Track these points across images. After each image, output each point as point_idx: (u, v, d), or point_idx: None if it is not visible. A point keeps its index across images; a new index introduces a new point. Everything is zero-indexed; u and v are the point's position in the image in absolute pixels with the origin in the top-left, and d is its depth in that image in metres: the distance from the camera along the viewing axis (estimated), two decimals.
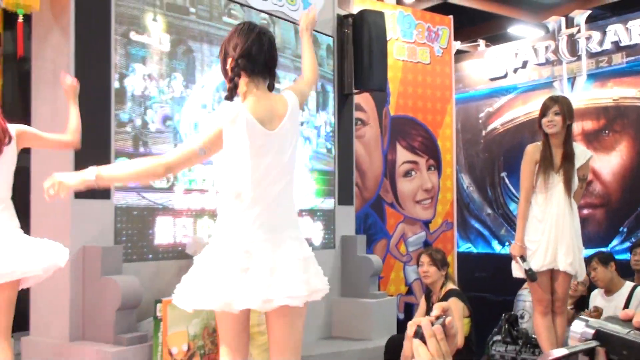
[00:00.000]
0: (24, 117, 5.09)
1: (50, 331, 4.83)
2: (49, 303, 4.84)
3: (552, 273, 5.05)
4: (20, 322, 5.29)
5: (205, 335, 4.76)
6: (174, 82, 5.35)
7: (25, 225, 4.65)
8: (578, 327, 1.37)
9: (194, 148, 3.04)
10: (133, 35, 5.08)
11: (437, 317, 1.49)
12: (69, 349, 4.68)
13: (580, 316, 1.41)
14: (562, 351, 1.32)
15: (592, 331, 1.35)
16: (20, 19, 4.58)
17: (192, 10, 5.55)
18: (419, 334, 1.47)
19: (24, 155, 4.91)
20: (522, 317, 6.26)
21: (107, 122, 4.89)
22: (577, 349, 1.35)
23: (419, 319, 1.50)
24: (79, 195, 4.70)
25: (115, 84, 4.95)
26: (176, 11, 5.42)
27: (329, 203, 6.88)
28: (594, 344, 1.34)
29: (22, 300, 5.01)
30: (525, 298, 6.40)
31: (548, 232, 4.98)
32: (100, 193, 4.81)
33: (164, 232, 5.22)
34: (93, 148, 4.81)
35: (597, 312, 5.79)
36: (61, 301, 4.75)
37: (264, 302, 2.97)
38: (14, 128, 3.94)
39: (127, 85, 5.03)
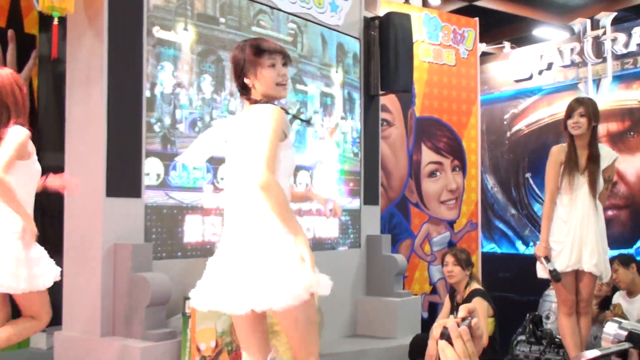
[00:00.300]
0: (59, 117, 5.19)
1: (81, 326, 4.90)
2: (81, 299, 4.90)
3: (577, 274, 5.05)
4: (53, 317, 5.41)
5: (233, 332, 4.83)
6: (203, 86, 5.42)
7: (59, 224, 4.77)
8: (611, 328, 1.38)
9: None
10: (162, 35, 5.15)
11: (463, 319, 1.50)
12: (99, 344, 4.74)
13: (614, 318, 1.43)
14: (595, 352, 1.33)
15: (625, 333, 1.36)
16: (56, 22, 4.64)
17: (222, 20, 5.61)
18: (445, 335, 1.48)
19: (58, 155, 5.04)
20: (547, 317, 6.28)
21: (138, 123, 4.96)
22: (610, 350, 1.35)
23: (444, 320, 1.51)
24: (110, 193, 4.80)
25: (147, 92, 5.02)
26: (206, 21, 5.49)
27: (354, 203, 6.93)
28: (627, 345, 1.35)
29: (55, 296, 5.12)
30: (552, 299, 6.40)
31: (573, 233, 4.99)
32: (131, 192, 4.91)
33: (193, 230, 5.29)
34: (125, 149, 4.91)
35: (618, 310, 5.81)
36: (92, 297, 4.81)
37: (230, 306, 3.07)
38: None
39: (157, 92, 5.10)
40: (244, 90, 3.29)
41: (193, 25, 5.37)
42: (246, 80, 3.22)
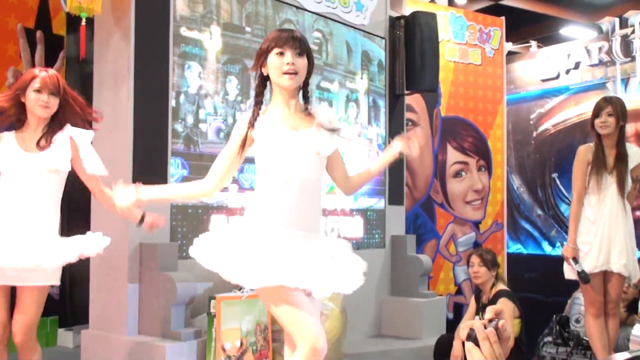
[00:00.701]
0: None
1: (108, 325, 4.93)
2: (108, 298, 4.94)
3: (605, 275, 5.01)
4: (81, 316, 5.46)
5: (258, 332, 4.84)
6: (229, 89, 5.44)
7: (86, 223, 4.80)
8: (639, 331, 1.38)
9: None
10: (188, 34, 5.18)
11: (490, 320, 1.50)
12: (125, 342, 4.77)
13: None
14: (624, 355, 1.33)
15: None
16: (83, 23, 4.66)
17: (248, 29, 5.64)
18: (472, 337, 1.48)
19: None
20: (577, 321, 6.19)
21: (165, 122, 4.99)
22: (639, 353, 1.35)
23: (471, 322, 1.51)
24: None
25: (172, 94, 5.06)
26: (233, 30, 5.52)
27: (379, 203, 6.92)
28: None
29: (82, 295, 5.18)
30: (581, 302, 6.32)
31: (601, 233, 4.94)
32: None
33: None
34: (152, 148, 4.94)
35: None
36: (119, 296, 4.85)
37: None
38: None
39: (183, 93, 5.13)
40: (264, 82, 3.27)
41: (219, 35, 5.39)
42: (262, 70, 3.20)
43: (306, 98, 3.25)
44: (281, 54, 3.10)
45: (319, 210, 3.27)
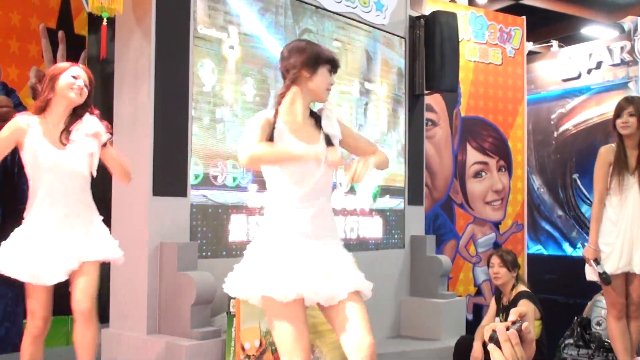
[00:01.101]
0: (107, 117, 5.25)
1: (128, 324, 4.94)
2: (127, 297, 4.95)
3: (627, 276, 4.96)
4: (101, 315, 5.47)
5: None
6: (246, 91, 5.45)
7: (106, 222, 4.82)
8: None
9: None
10: (205, 32, 5.20)
11: (514, 322, 1.50)
12: (145, 341, 4.78)
13: None
14: None
15: None
16: (104, 22, 4.69)
17: (268, 38, 5.62)
18: (494, 339, 1.48)
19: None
20: (599, 324, 6.14)
21: (185, 122, 5.00)
22: None
23: (494, 324, 1.52)
24: (157, 193, 4.84)
25: (193, 94, 5.08)
26: (251, 39, 5.52)
27: (399, 203, 6.90)
28: None
29: (103, 294, 5.18)
30: (603, 305, 6.29)
31: (623, 234, 4.90)
32: (176, 191, 4.95)
33: (238, 229, 5.31)
34: (172, 148, 4.95)
35: None
36: (139, 295, 4.86)
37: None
38: None
39: (202, 109, 5.15)
40: (290, 76, 3.36)
41: (239, 45, 5.40)
42: (305, 72, 3.32)
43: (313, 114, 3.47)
44: (330, 71, 3.40)
45: (332, 215, 3.43)
